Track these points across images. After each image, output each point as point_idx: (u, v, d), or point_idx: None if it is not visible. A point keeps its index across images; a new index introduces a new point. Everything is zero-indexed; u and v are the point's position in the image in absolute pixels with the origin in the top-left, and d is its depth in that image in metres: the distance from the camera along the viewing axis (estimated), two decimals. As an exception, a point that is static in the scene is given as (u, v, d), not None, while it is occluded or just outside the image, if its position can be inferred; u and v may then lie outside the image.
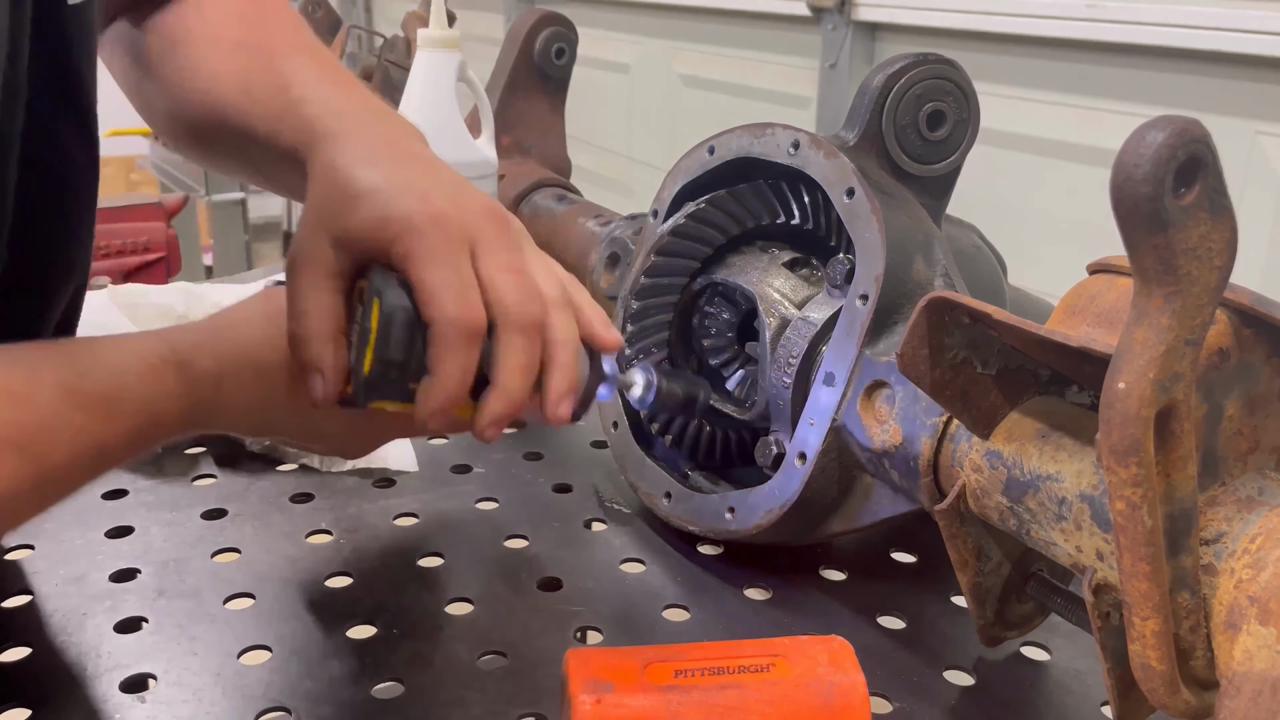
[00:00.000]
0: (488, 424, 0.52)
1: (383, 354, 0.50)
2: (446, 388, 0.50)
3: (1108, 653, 0.47)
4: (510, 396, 0.51)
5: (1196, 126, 0.35)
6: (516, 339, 0.51)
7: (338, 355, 0.52)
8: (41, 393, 0.47)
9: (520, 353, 0.51)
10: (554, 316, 0.53)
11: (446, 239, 0.51)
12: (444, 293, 0.50)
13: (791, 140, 0.69)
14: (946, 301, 0.50)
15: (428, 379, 0.50)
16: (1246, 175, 1.44)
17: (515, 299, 0.51)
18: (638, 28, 2.59)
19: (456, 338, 0.50)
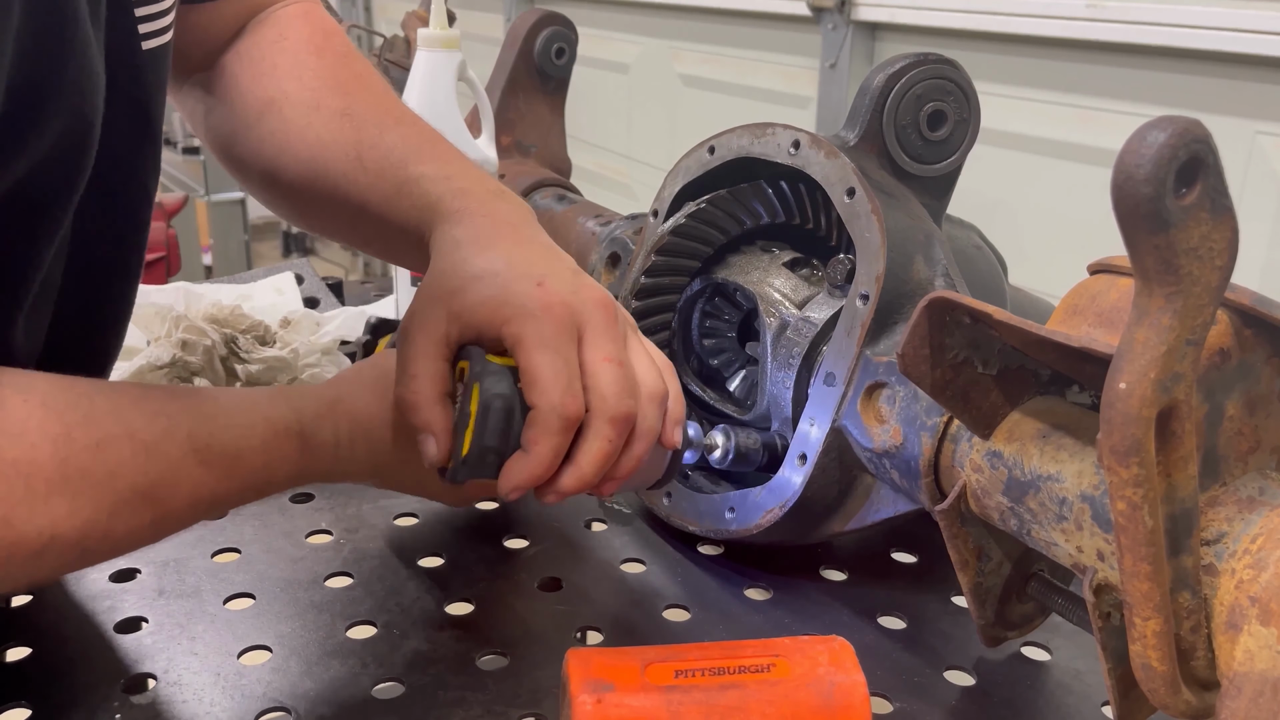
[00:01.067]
0: (553, 494, 0.55)
1: (480, 440, 0.53)
2: (536, 469, 0.53)
3: (1108, 653, 0.47)
4: (582, 478, 0.54)
5: (1197, 126, 0.35)
6: (605, 429, 0.53)
7: (445, 418, 0.55)
8: (174, 447, 0.50)
9: (605, 442, 0.54)
10: (644, 408, 0.56)
11: (557, 326, 0.53)
12: (550, 380, 0.52)
13: (792, 140, 0.69)
14: (947, 301, 0.50)
15: (520, 454, 0.53)
16: (1246, 175, 1.44)
17: (614, 392, 0.54)
18: (638, 28, 2.58)
19: (555, 424, 0.52)
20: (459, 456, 0.54)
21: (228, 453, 0.52)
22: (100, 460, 0.47)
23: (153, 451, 0.49)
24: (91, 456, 0.47)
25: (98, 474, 0.47)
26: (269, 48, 0.72)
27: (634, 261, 0.81)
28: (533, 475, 0.53)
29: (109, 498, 0.47)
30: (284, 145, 0.70)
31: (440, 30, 0.95)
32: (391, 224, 0.65)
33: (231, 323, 0.92)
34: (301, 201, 0.72)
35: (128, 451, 0.48)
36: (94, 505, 0.47)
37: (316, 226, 0.76)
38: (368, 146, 0.67)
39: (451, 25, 0.98)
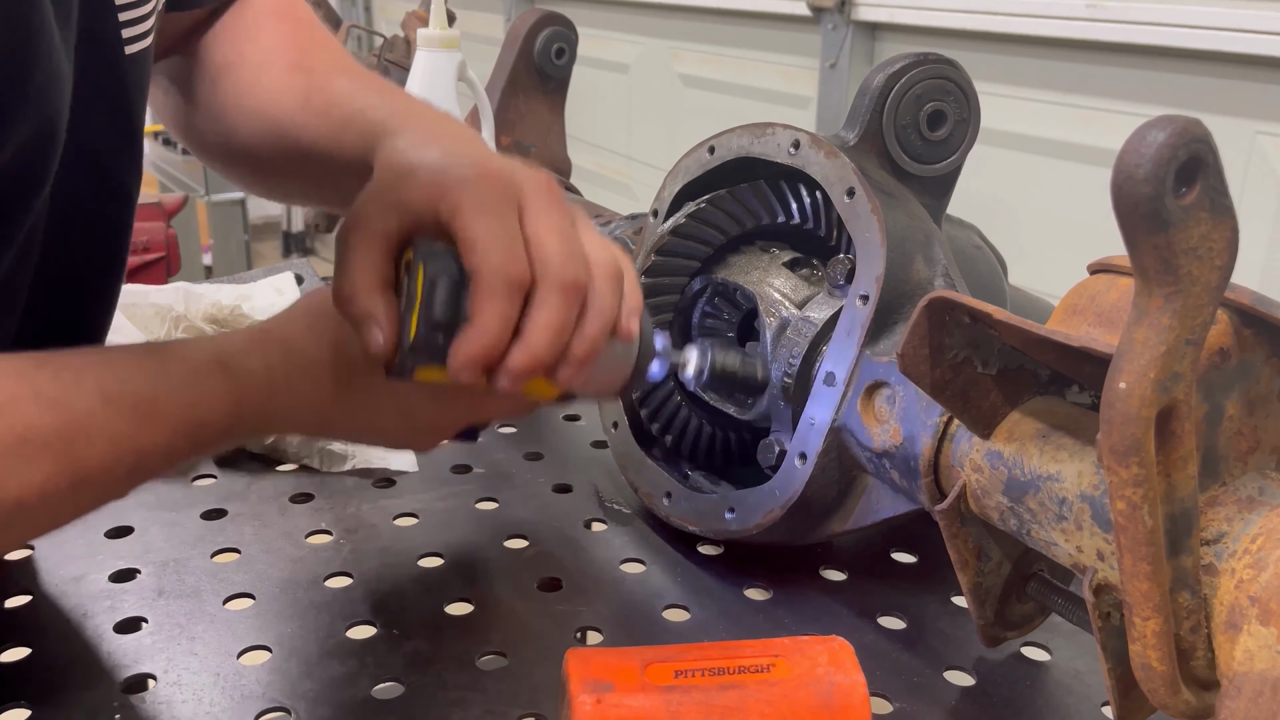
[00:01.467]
0: (505, 376, 0.50)
1: (427, 315, 0.50)
2: (483, 337, 0.49)
3: (1108, 653, 0.47)
4: (533, 353, 0.50)
5: (1197, 126, 0.35)
6: (553, 298, 0.50)
7: (389, 304, 0.51)
8: (81, 398, 0.47)
9: (554, 312, 0.50)
10: (597, 283, 0.52)
11: (496, 194, 0.51)
12: (488, 242, 0.49)
13: (792, 140, 0.69)
14: (947, 301, 0.50)
15: (466, 327, 0.50)
16: (1246, 175, 1.44)
17: (560, 259, 0.50)
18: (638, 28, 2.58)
19: (500, 288, 0.49)
20: (406, 343, 0.50)
21: (142, 397, 0.49)
22: (6, 423, 0.45)
23: (57, 404, 0.46)
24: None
25: (6, 438, 0.45)
26: (230, 17, 0.72)
27: (634, 261, 0.81)
28: (481, 346, 0.49)
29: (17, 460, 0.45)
30: (238, 105, 0.68)
31: (440, 30, 0.95)
32: (339, 161, 0.63)
33: (231, 323, 0.93)
34: (256, 160, 0.70)
35: (34, 410, 0.46)
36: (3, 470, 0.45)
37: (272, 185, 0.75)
38: (315, 91, 0.66)
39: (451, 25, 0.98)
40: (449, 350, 0.50)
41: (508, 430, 0.90)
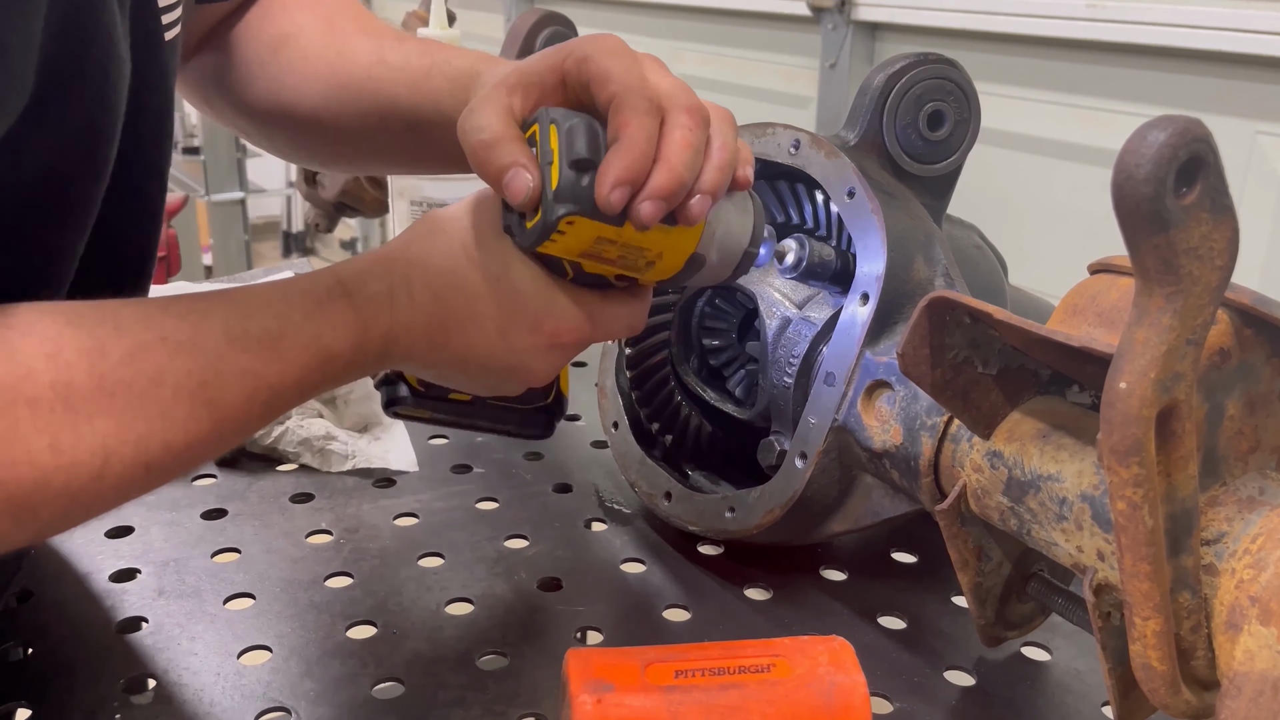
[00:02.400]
0: (648, 200, 0.50)
1: (569, 154, 0.49)
2: (631, 152, 0.49)
3: (1109, 653, 0.47)
4: (674, 172, 0.50)
5: (1198, 126, 0.35)
6: (684, 118, 0.51)
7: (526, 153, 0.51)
8: (209, 339, 0.47)
9: (687, 131, 0.51)
10: (716, 119, 0.53)
11: (619, 45, 0.52)
12: (622, 72, 0.50)
13: (792, 140, 0.69)
14: (947, 301, 0.50)
15: (615, 146, 0.50)
16: (1246, 175, 1.44)
17: (681, 89, 0.52)
18: (638, 28, 2.58)
19: (641, 104, 0.50)
20: (549, 193, 0.49)
21: (268, 332, 0.49)
22: (138, 369, 0.45)
23: (189, 349, 0.47)
24: (128, 367, 0.45)
25: (139, 384, 0.45)
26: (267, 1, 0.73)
27: (634, 261, 0.81)
28: (629, 162, 0.49)
29: (156, 406, 0.45)
30: (303, 73, 0.69)
31: (440, 30, 0.95)
32: (424, 109, 0.64)
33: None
34: (323, 127, 0.70)
35: (164, 355, 0.46)
36: (143, 417, 0.45)
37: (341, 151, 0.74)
38: (389, 50, 0.67)
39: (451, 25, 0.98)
40: (596, 179, 0.49)
41: (508, 430, 0.90)
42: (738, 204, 0.56)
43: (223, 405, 0.47)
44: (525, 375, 0.58)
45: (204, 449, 0.48)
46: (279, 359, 0.49)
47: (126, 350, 0.45)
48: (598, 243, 0.51)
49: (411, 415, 0.65)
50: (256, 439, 0.82)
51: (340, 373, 0.52)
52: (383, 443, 0.84)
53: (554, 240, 0.51)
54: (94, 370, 0.44)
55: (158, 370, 0.46)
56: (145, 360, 0.45)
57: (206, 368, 0.47)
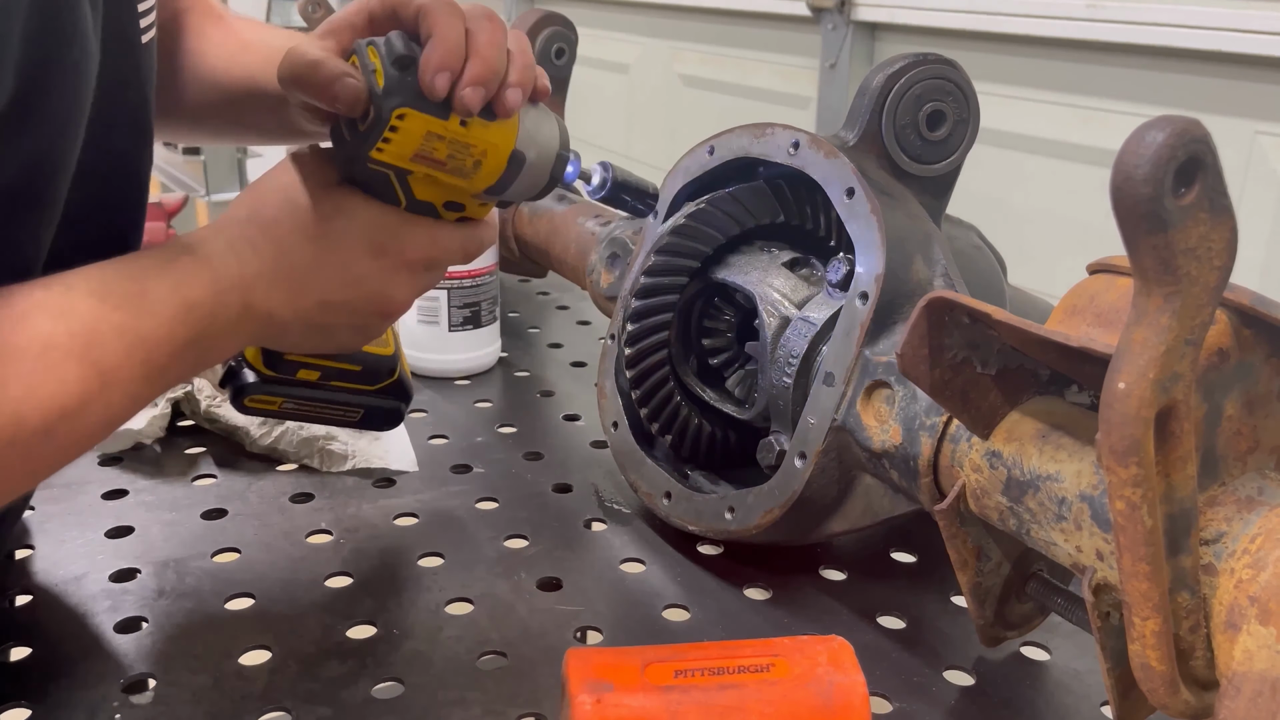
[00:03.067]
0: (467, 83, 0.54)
1: (390, 56, 0.54)
2: (445, 44, 0.54)
3: (1108, 653, 0.47)
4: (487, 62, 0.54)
5: (1196, 126, 0.35)
6: (484, 22, 0.56)
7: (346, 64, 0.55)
8: (79, 301, 0.49)
9: (490, 31, 0.55)
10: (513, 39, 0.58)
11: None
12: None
13: (791, 140, 0.69)
14: (946, 301, 0.50)
15: (431, 41, 0.54)
16: (1246, 175, 1.44)
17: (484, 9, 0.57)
18: (638, 28, 2.59)
19: (443, 5, 0.55)
20: (377, 93, 0.54)
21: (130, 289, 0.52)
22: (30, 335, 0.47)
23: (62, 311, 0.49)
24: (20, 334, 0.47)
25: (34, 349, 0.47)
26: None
27: (634, 261, 0.81)
28: (445, 51, 0.54)
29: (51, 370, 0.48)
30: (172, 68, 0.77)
31: (440, 30, 0.95)
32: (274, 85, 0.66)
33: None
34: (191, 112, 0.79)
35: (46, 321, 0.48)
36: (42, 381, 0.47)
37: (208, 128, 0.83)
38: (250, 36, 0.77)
39: (451, 25, 0.98)
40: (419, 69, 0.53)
41: (508, 430, 0.90)
42: (542, 112, 0.60)
43: (105, 364, 0.49)
44: (387, 304, 0.61)
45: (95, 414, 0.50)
46: (147, 313, 0.51)
47: (11, 320, 0.47)
48: (428, 139, 0.55)
49: (261, 407, 0.67)
50: (256, 439, 0.83)
51: (204, 328, 0.54)
52: (382, 443, 0.85)
53: (388, 140, 0.55)
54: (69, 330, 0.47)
55: (45, 335, 0.48)
56: (31, 326, 0.47)
57: (85, 329, 0.49)
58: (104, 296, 0.50)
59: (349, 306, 0.59)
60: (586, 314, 1.20)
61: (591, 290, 0.89)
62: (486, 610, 0.65)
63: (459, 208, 0.61)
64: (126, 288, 0.51)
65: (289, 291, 0.57)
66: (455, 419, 0.92)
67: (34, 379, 0.47)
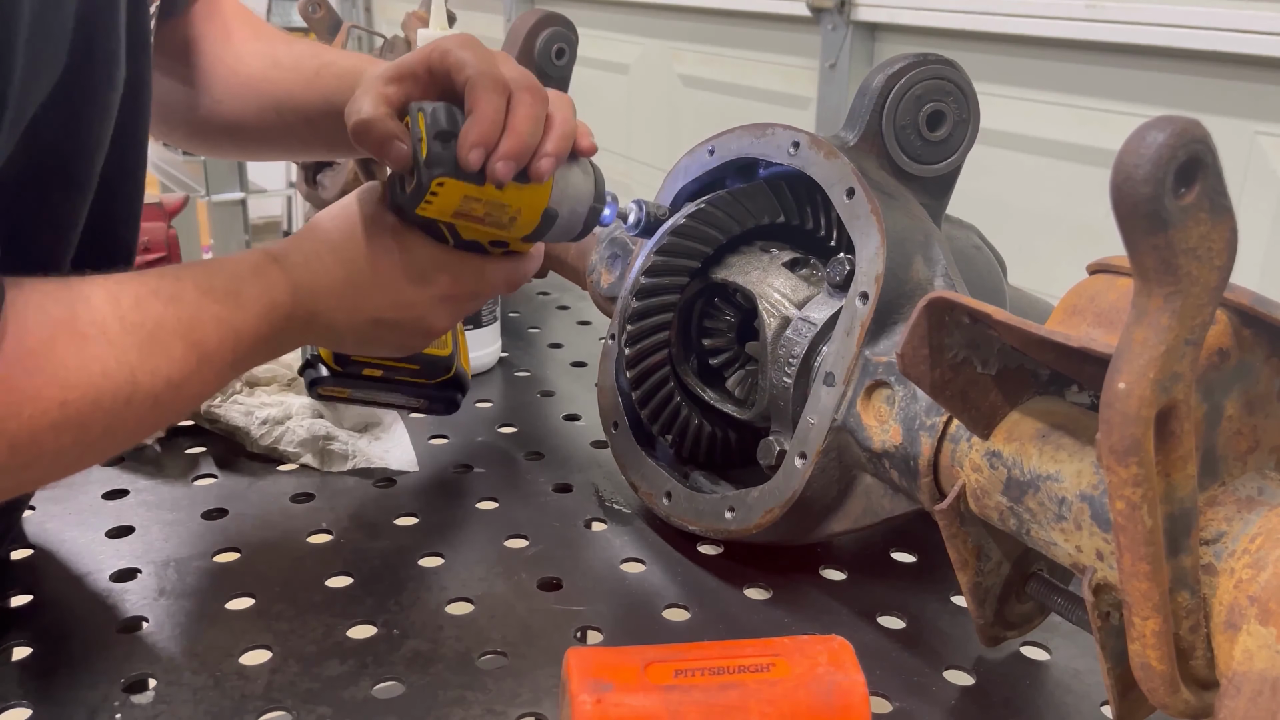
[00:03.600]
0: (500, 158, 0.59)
1: (434, 129, 0.59)
2: (483, 123, 0.59)
3: (1108, 652, 0.47)
4: (519, 136, 0.60)
5: (1196, 127, 0.35)
6: (525, 95, 0.61)
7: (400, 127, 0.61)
8: (187, 293, 0.57)
9: (529, 105, 0.60)
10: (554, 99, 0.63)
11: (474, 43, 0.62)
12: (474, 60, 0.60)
13: (792, 140, 0.69)
14: (946, 301, 0.50)
15: (471, 117, 0.59)
16: (1246, 175, 1.44)
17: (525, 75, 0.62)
18: (638, 28, 2.58)
19: (490, 83, 0.60)
20: (421, 162, 0.59)
21: (230, 288, 0.59)
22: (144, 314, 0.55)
23: (174, 299, 0.56)
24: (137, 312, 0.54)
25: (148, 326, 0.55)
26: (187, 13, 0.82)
27: (634, 261, 0.81)
28: (483, 129, 0.59)
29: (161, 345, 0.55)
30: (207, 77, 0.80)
31: (440, 30, 0.95)
32: (315, 103, 0.76)
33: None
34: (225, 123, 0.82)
35: (159, 305, 0.56)
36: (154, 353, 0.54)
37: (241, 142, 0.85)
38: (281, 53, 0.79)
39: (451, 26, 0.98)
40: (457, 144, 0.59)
41: (508, 430, 0.90)
42: (581, 168, 0.66)
43: (205, 347, 0.57)
44: (429, 327, 0.68)
45: (192, 388, 0.57)
46: (241, 308, 0.59)
47: (132, 300, 0.55)
48: (465, 201, 0.61)
49: (332, 395, 0.77)
50: (257, 439, 0.83)
51: (282, 326, 0.62)
52: (382, 442, 0.85)
53: (430, 201, 0.61)
54: (116, 313, 0.54)
55: (158, 315, 0.55)
56: (148, 308, 0.55)
57: (191, 316, 0.57)
58: (208, 290, 0.58)
59: (396, 325, 0.67)
60: (586, 314, 1.20)
61: (591, 290, 0.89)
62: (486, 610, 0.65)
63: (503, 245, 0.67)
64: (226, 285, 0.59)
65: (349, 308, 0.65)
66: (455, 419, 0.92)
67: (149, 350, 0.54)
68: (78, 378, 0.51)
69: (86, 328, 0.52)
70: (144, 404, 0.54)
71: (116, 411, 0.53)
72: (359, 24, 3.55)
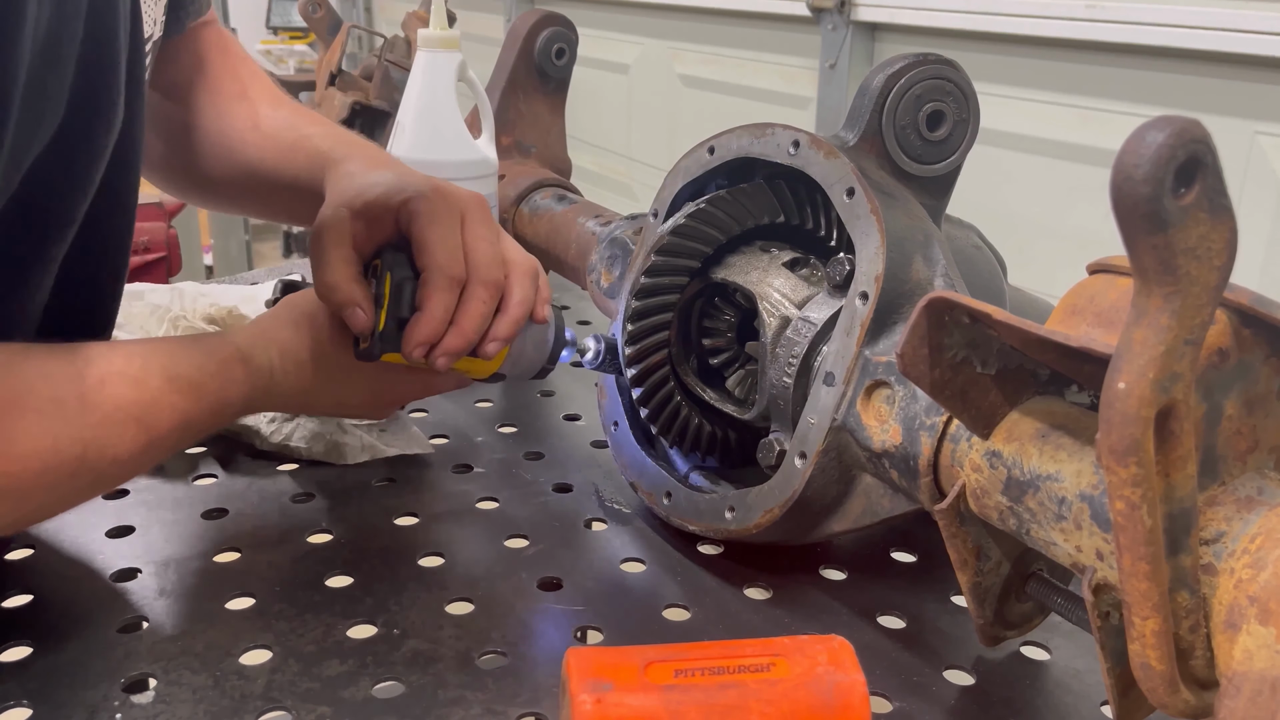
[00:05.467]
0: (442, 355, 0.64)
1: (394, 313, 0.64)
2: (431, 323, 0.64)
3: (1107, 652, 0.47)
4: (464, 335, 0.64)
5: (1196, 126, 0.35)
6: (480, 291, 0.65)
7: (363, 292, 0.65)
8: (152, 378, 0.59)
9: (481, 303, 0.65)
10: (515, 280, 0.67)
11: (445, 205, 0.65)
12: (439, 248, 0.64)
13: (792, 140, 0.69)
14: (946, 301, 0.50)
15: (417, 314, 0.64)
16: (1246, 175, 1.44)
17: (486, 262, 0.65)
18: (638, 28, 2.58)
19: (444, 283, 0.64)
20: (376, 333, 0.64)
21: (193, 380, 0.61)
22: (105, 395, 0.57)
23: (138, 383, 0.59)
24: (99, 393, 0.56)
25: (106, 407, 0.57)
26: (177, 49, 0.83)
27: (634, 261, 0.81)
28: (429, 330, 0.63)
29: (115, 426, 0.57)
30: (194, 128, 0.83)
31: (440, 31, 0.95)
32: (284, 179, 0.78)
33: (229, 323, 0.93)
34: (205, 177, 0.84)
35: (122, 387, 0.58)
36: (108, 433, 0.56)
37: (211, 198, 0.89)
38: (264, 118, 0.81)
39: (451, 26, 0.98)
40: (403, 338, 0.64)
41: (508, 430, 0.90)
42: (534, 335, 0.72)
43: (156, 431, 0.59)
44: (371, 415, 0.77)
45: (137, 466, 0.60)
46: (197, 401, 0.62)
47: (96, 380, 0.57)
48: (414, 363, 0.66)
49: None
50: (267, 437, 0.83)
51: (230, 418, 0.66)
52: (390, 433, 0.85)
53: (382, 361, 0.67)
54: (76, 391, 0.56)
55: (117, 397, 0.57)
56: (109, 389, 0.57)
57: (150, 401, 0.59)
58: (172, 378, 0.60)
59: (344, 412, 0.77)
60: (586, 314, 1.20)
61: (591, 290, 0.89)
62: (486, 610, 0.65)
63: None
64: (190, 376, 0.62)
65: (304, 405, 0.73)
66: (455, 419, 0.92)
67: (103, 430, 0.56)
68: (25, 450, 0.53)
69: (44, 404, 0.54)
70: (87, 478, 0.57)
71: (59, 485, 0.55)
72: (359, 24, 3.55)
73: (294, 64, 4.21)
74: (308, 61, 4.20)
